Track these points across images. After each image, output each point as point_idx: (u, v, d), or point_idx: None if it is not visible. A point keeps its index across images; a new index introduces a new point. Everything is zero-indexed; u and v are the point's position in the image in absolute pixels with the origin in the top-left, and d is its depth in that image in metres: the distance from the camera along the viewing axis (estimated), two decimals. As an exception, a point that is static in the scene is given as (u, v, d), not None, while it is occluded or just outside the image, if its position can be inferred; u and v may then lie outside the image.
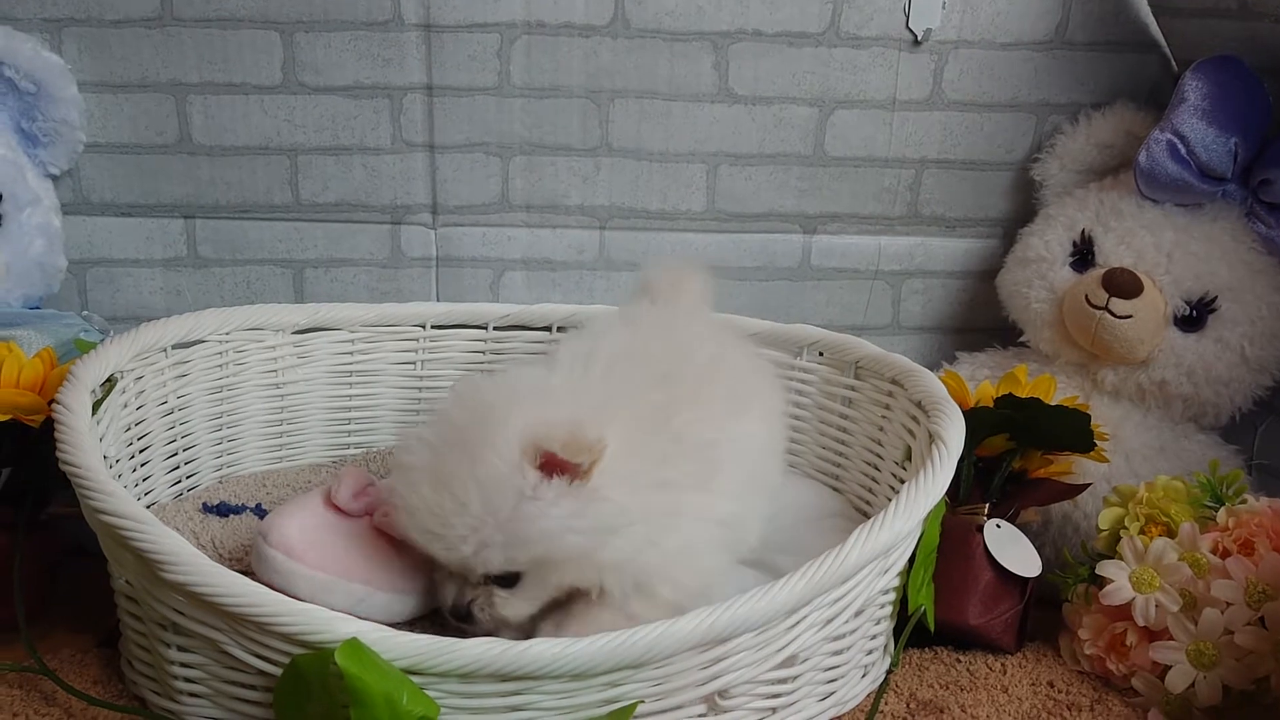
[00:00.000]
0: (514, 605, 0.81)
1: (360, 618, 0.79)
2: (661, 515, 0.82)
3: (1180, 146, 1.12)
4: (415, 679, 0.74)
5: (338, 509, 0.84)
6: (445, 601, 0.82)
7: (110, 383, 0.96)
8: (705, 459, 0.86)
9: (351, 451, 1.20)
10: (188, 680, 0.83)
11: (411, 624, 0.87)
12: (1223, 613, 0.90)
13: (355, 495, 0.84)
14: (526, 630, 0.83)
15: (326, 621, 0.74)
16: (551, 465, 0.76)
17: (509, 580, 0.81)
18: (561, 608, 0.84)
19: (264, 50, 1.18)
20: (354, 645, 0.73)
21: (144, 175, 1.21)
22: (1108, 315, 1.12)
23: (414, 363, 1.20)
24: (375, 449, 1.21)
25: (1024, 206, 1.29)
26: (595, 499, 0.78)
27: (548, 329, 1.19)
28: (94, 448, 0.85)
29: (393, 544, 0.83)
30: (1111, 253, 1.16)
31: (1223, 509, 0.97)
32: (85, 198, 1.21)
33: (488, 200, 1.25)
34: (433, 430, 0.80)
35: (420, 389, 1.21)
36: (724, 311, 1.20)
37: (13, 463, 0.99)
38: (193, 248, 1.24)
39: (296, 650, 0.75)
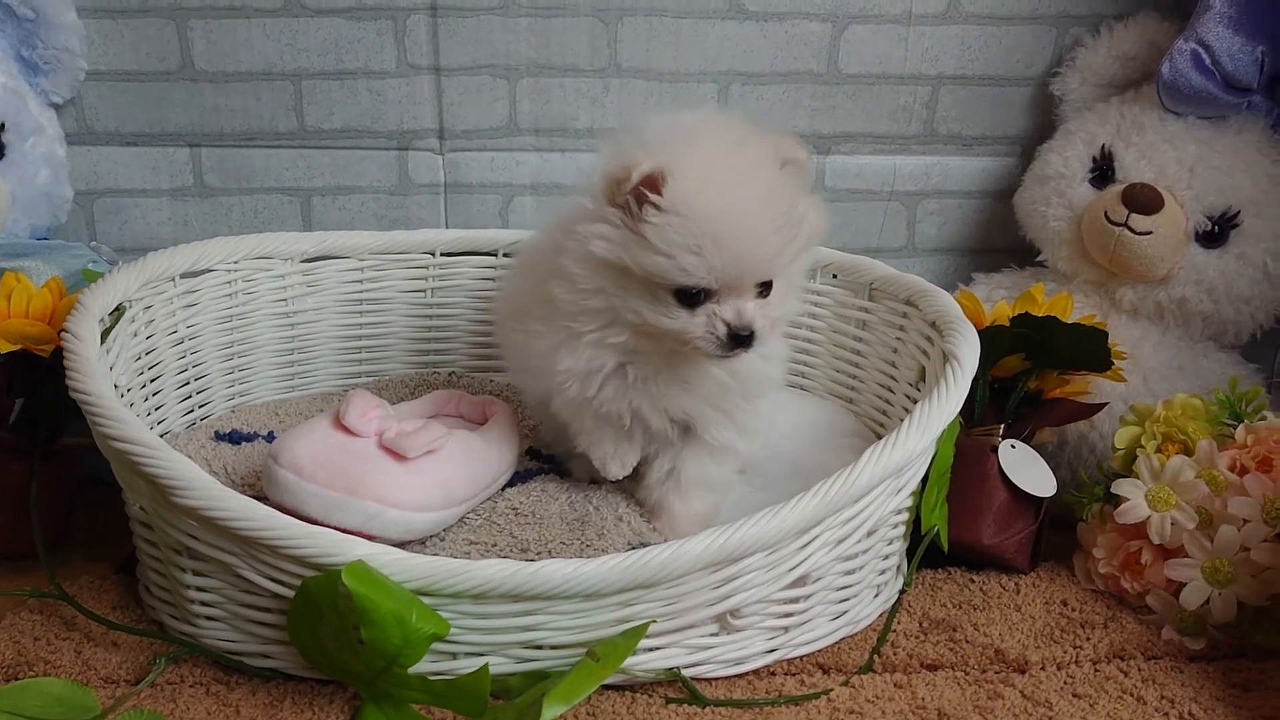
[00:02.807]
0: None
1: (372, 535, 0.80)
2: None
3: (1205, 56, 1.09)
4: (427, 600, 0.75)
5: (346, 429, 0.84)
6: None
7: (119, 311, 0.96)
8: None
9: (363, 380, 1.20)
10: (204, 604, 0.84)
11: (423, 543, 0.87)
12: (1239, 530, 0.89)
13: (363, 415, 0.84)
14: None
15: (337, 543, 0.75)
16: None
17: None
18: None
19: (264, -29, 1.16)
20: (361, 566, 0.73)
21: (147, 103, 1.19)
22: (1127, 232, 1.10)
23: (424, 290, 1.20)
24: (387, 377, 1.20)
25: (1043, 123, 1.26)
26: None
27: (558, 255, 1.18)
28: (104, 375, 0.85)
29: (402, 463, 0.83)
30: (1132, 168, 1.13)
31: (1241, 426, 0.96)
32: (89, 127, 1.20)
33: (495, 124, 1.23)
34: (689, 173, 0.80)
35: (431, 317, 1.21)
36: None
37: (25, 393, 0.99)
38: (199, 177, 1.23)
39: (308, 573, 0.76)
